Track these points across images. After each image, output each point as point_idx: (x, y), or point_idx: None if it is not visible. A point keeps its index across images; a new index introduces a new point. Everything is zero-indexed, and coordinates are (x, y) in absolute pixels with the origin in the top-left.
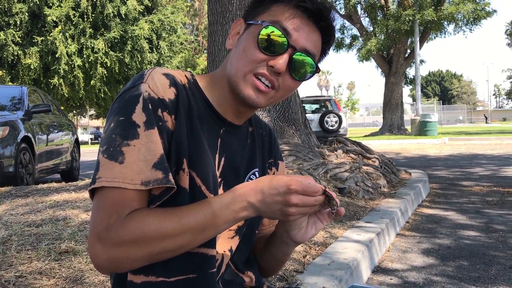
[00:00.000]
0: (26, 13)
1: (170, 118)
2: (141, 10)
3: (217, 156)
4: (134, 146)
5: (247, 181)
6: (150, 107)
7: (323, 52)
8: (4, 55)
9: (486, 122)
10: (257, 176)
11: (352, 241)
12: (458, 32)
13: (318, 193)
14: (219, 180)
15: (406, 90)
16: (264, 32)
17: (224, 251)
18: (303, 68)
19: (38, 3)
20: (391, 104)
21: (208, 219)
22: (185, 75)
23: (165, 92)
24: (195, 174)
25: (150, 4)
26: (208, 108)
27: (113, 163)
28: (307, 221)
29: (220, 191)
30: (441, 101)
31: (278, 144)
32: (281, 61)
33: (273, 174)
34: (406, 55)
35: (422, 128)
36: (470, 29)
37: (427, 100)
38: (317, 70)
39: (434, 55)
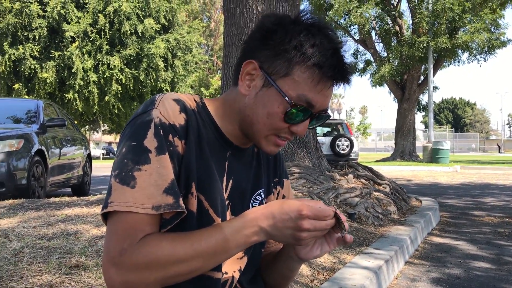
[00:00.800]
0: (45, 28)
1: (180, 143)
2: (158, 29)
3: (224, 178)
4: (146, 171)
5: (253, 201)
6: (161, 132)
7: None
8: (22, 69)
9: (499, 152)
10: (263, 196)
11: (361, 267)
12: (472, 61)
13: (329, 217)
14: (226, 202)
15: (419, 116)
16: (292, 111)
17: (234, 272)
18: (321, 122)
19: (57, 19)
20: (404, 130)
21: (220, 244)
22: (194, 99)
23: (175, 118)
24: (203, 197)
25: (166, 24)
26: (216, 132)
27: (125, 187)
28: (314, 240)
29: (228, 213)
30: (453, 129)
31: (284, 162)
32: (302, 128)
33: (278, 192)
34: (420, 81)
35: (434, 156)
36: (485, 58)
37: (440, 127)
38: (329, 117)
39: (448, 82)
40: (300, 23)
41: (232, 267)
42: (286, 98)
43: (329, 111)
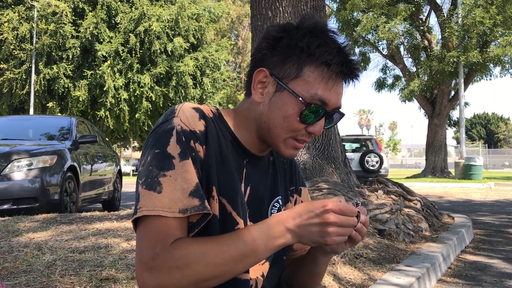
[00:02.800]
0: (78, 48)
1: (202, 148)
2: (187, 48)
3: (242, 186)
4: (171, 177)
5: (271, 209)
6: (183, 139)
7: None
8: (56, 87)
9: None
10: (280, 203)
11: (391, 285)
12: (504, 75)
13: (354, 213)
14: (246, 206)
15: (450, 132)
16: (307, 111)
17: (257, 277)
18: (336, 121)
19: (90, 39)
20: (434, 146)
21: (249, 246)
22: (211, 110)
23: (195, 124)
24: (226, 201)
25: (195, 42)
26: (233, 140)
27: (152, 193)
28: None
29: (246, 219)
30: (486, 145)
31: (299, 170)
32: (319, 127)
33: (295, 200)
34: (450, 96)
35: (466, 172)
36: None
37: (472, 143)
38: (343, 115)
39: (480, 97)
40: (303, 27)
41: (255, 272)
42: (300, 99)
43: (358, 127)
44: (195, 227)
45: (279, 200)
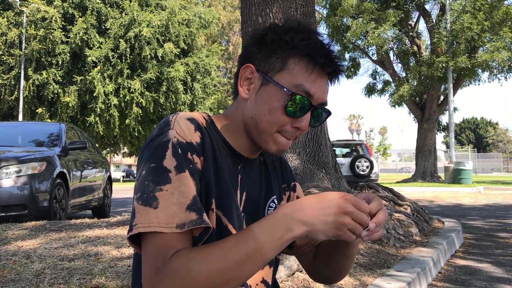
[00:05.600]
0: (68, 54)
1: (199, 160)
2: (177, 53)
3: (238, 192)
4: (167, 191)
5: (267, 209)
6: (179, 151)
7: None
8: (45, 93)
9: None
10: (276, 202)
11: None
12: (493, 80)
13: (366, 212)
14: (242, 215)
15: (440, 136)
16: (291, 102)
17: (257, 284)
18: (322, 118)
19: (79, 44)
20: (424, 151)
21: (251, 247)
22: (203, 117)
23: (192, 136)
24: (221, 213)
25: (186, 47)
26: (226, 147)
27: (148, 208)
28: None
29: (244, 226)
30: (475, 149)
31: (289, 166)
32: (305, 122)
33: (289, 197)
34: (440, 101)
35: (456, 176)
36: (506, 77)
37: (461, 148)
38: (330, 114)
39: (468, 101)
40: (287, 25)
41: (255, 279)
42: (285, 89)
43: (348, 132)
44: (198, 241)
45: (274, 200)
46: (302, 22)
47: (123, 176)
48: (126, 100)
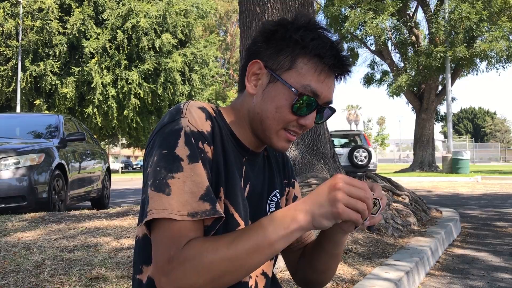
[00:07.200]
0: (65, 45)
1: (210, 149)
2: (175, 44)
3: (242, 183)
4: (179, 179)
5: (269, 203)
6: (192, 141)
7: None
8: (43, 85)
9: None
10: (278, 196)
11: (381, 279)
12: (491, 70)
13: (364, 188)
14: (247, 205)
15: (438, 126)
16: (299, 101)
17: (257, 276)
18: (327, 116)
19: (77, 35)
20: (422, 141)
21: (261, 238)
22: (212, 107)
23: (203, 125)
24: (229, 202)
25: (183, 38)
26: (233, 139)
27: (161, 195)
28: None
29: (248, 216)
30: (473, 139)
31: (290, 162)
32: (310, 120)
33: (288, 192)
34: (438, 91)
35: (454, 166)
36: (504, 67)
37: (459, 137)
38: (334, 111)
39: (466, 91)
40: (297, 22)
41: (255, 272)
42: (292, 89)
43: (347, 123)
44: (210, 230)
45: (277, 194)
46: (313, 20)
47: (121, 167)
48: (124, 91)
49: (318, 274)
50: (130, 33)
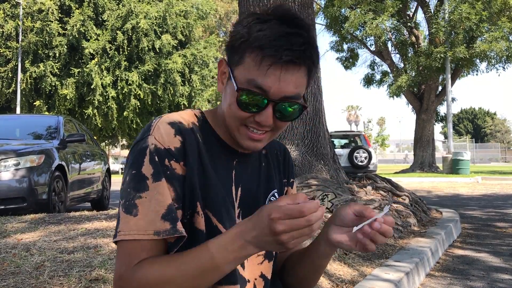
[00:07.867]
0: (65, 46)
1: (178, 165)
2: (175, 45)
3: (233, 188)
4: (146, 198)
5: (268, 203)
6: (156, 159)
7: (309, 72)
8: (43, 86)
9: None
10: (277, 196)
11: (381, 280)
12: (491, 70)
13: (308, 212)
14: (238, 211)
15: (438, 127)
16: (240, 98)
17: (255, 279)
18: (289, 112)
19: (77, 36)
20: (422, 141)
21: (207, 262)
22: (195, 115)
23: (170, 142)
24: (211, 214)
25: (183, 39)
26: (219, 143)
27: (129, 216)
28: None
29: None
30: (473, 139)
31: (292, 161)
32: (265, 117)
33: (286, 192)
34: (438, 92)
35: (454, 167)
36: (504, 67)
37: (459, 138)
38: (304, 107)
39: (466, 92)
40: (258, 15)
41: (253, 274)
42: (234, 84)
43: (347, 123)
44: (174, 246)
45: (275, 194)
46: (277, 10)
47: (121, 169)
48: (124, 92)
49: (297, 280)
50: (130, 34)
